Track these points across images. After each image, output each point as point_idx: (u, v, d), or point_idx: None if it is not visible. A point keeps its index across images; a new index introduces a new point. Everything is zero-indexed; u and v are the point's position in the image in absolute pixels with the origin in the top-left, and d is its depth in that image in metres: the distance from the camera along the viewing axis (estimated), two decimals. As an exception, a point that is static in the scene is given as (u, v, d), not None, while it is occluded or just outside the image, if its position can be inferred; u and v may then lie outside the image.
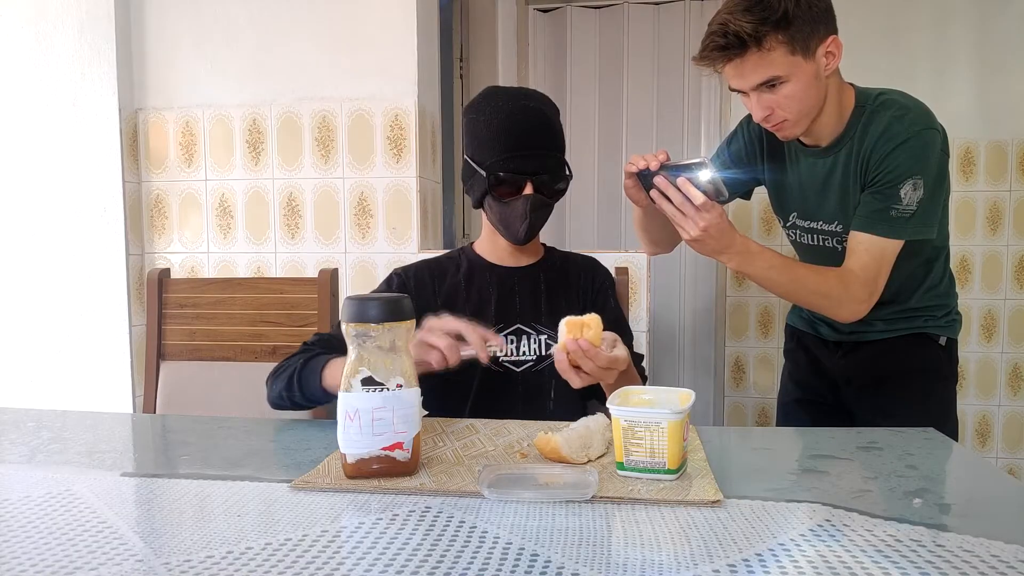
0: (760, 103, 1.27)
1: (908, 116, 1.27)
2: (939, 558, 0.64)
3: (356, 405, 0.86)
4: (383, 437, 0.86)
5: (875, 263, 1.28)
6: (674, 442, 0.84)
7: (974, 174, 2.73)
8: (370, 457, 0.86)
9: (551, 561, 0.64)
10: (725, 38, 1.21)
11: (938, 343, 1.44)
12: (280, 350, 1.62)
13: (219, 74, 2.23)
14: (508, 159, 1.24)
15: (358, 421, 0.86)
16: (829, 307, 1.33)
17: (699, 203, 1.19)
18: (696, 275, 3.17)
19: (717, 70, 1.28)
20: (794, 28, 1.19)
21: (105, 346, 2.23)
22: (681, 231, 1.24)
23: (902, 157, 1.25)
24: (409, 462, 0.88)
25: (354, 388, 0.86)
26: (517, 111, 1.27)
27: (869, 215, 1.28)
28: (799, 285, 1.31)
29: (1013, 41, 2.68)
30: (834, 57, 1.26)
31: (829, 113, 1.31)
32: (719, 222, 1.22)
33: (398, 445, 0.86)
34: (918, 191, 1.25)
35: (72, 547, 0.68)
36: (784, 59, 1.21)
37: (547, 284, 1.36)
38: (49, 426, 1.15)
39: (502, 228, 1.30)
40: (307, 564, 0.64)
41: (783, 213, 1.50)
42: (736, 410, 3.02)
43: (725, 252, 1.25)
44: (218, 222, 2.27)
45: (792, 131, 1.31)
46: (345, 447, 0.86)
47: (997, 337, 2.79)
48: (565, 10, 3.26)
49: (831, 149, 1.34)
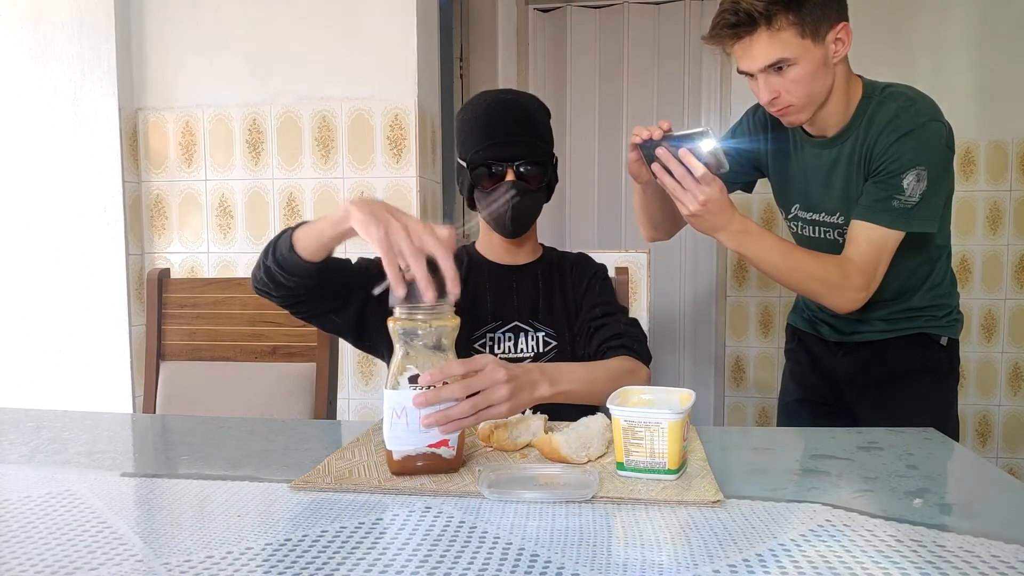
0: (767, 86, 1.26)
1: (915, 107, 1.27)
2: (939, 558, 0.64)
3: (403, 403, 0.86)
4: (430, 435, 0.87)
5: (875, 253, 1.27)
6: (674, 442, 0.83)
7: (974, 174, 2.73)
8: (416, 454, 0.87)
9: (551, 561, 0.64)
10: (736, 15, 1.21)
11: (939, 343, 1.44)
12: (280, 350, 1.62)
13: (219, 74, 2.23)
14: (486, 148, 1.26)
15: (405, 418, 0.86)
16: (825, 294, 1.31)
17: (699, 174, 1.18)
18: (696, 275, 3.17)
19: (726, 51, 1.28)
20: (805, 10, 1.20)
21: (105, 346, 2.23)
22: (680, 206, 1.23)
23: (907, 146, 1.24)
24: (453, 459, 0.88)
25: (401, 386, 0.87)
26: (495, 104, 1.29)
27: (871, 204, 1.27)
28: (796, 269, 1.29)
29: (1013, 41, 2.68)
30: (844, 44, 1.26)
31: (836, 102, 1.30)
32: (719, 197, 1.21)
33: (444, 443, 0.87)
34: (921, 182, 1.24)
35: (72, 547, 0.68)
36: (793, 41, 1.21)
37: (545, 282, 1.36)
38: (49, 426, 1.15)
39: (491, 221, 1.31)
40: (307, 564, 0.64)
41: (785, 204, 1.49)
42: (736, 410, 3.02)
43: (724, 229, 1.24)
44: (218, 222, 2.26)
45: (797, 117, 1.30)
46: (391, 444, 0.87)
47: (997, 337, 2.79)
48: (565, 10, 3.26)
49: (836, 140, 1.34)
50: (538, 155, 1.28)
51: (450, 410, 0.86)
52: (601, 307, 1.32)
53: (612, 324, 1.29)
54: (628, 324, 1.31)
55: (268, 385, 1.60)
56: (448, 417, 0.86)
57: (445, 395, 0.86)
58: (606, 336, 1.26)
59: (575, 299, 1.35)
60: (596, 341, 1.27)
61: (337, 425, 1.26)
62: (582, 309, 1.34)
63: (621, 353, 1.22)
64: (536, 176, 1.28)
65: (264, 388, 1.60)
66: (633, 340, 1.26)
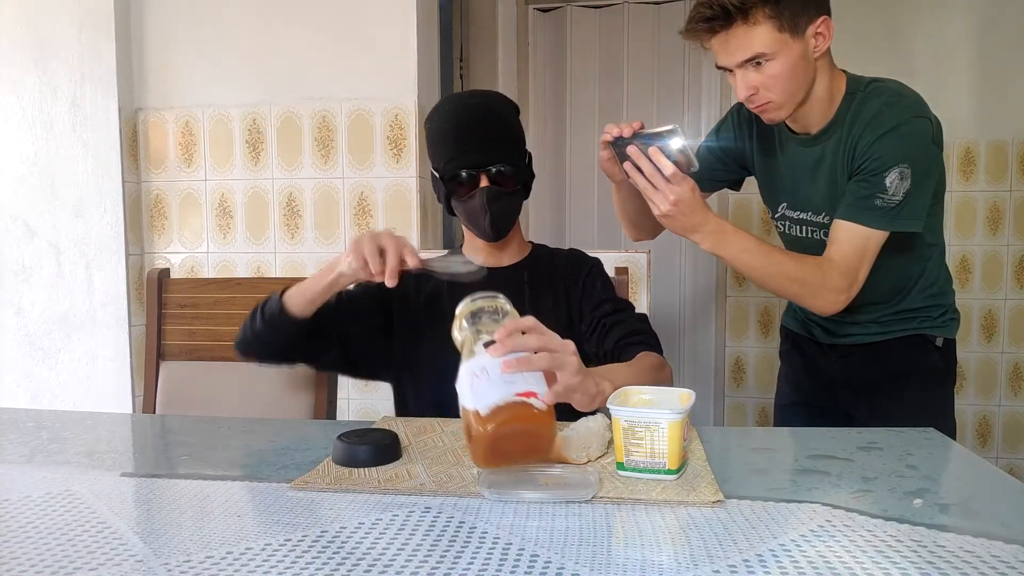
0: (745, 81, 1.24)
1: (899, 103, 1.24)
2: (939, 558, 0.64)
3: (482, 363, 0.83)
4: (515, 385, 0.82)
5: (857, 253, 1.24)
6: (674, 442, 0.83)
7: (974, 174, 2.73)
8: (506, 404, 0.81)
9: (551, 561, 0.64)
10: (711, 9, 1.19)
11: (934, 344, 1.41)
12: (280, 350, 1.62)
13: (219, 74, 2.23)
14: (456, 157, 1.26)
15: (486, 376, 0.82)
16: (805, 295, 1.29)
17: (669, 173, 1.16)
18: (696, 275, 3.17)
19: (704, 46, 1.26)
20: (783, 4, 1.18)
21: (105, 346, 2.23)
22: (652, 206, 1.21)
23: (890, 144, 1.21)
24: (546, 415, 0.83)
25: (477, 352, 0.85)
26: (459, 110, 1.29)
27: (853, 203, 1.25)
28: (775, 270, 1.26)
29: (1013, 41, 2.68)
30: (824, 38, 1.23)
31: (818, 98, 1.28)
32: (690, 197, 1.18)
33: (532, 394, 0.82)
34: (905, 181, 1.21)
35: (72, 547, 0.68)
36: (771, 35, 1.19)
37: (531, 282, 1.35)
38: (49, 426, 1.15)
39: (471, 227, 1.31)
40: (307, 564, 0.64)
41: (772, 203, 1.47)
42: (736, 410, 3.02)
43: (698, 230, 1.22)
44: (218, 222, 2.27)
45: (777, 114, 1.27)
46: (477, 401, 0.81)
47: (997, 337, 2.79)
48: (565, 10, 3.26)
49: (820, 137, 1.31)
50: (510, 157, 1.27)
51: (529, 356, 0.85)
52: (610, 303, 1.31)
53: (627, 321, 1.28)
54: (641, 320, 1.31)
55: (268, 385, 1.60)
56: (529, 361, 0.84)
57: (521, 343, 0.85)
58: (623, 333, 1.25)
59: (570, 297, 1.34)
60: (613, 337, 1.26)
61: (337, 425, 1.26)
62: (583, 308, 1.33)
63: (642, 350, 1.21)
64: (510, 178, 1.27)
65: (264, 388, 1.60)
66: (650, 336, 1.26)
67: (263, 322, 1.17)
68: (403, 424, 1.11)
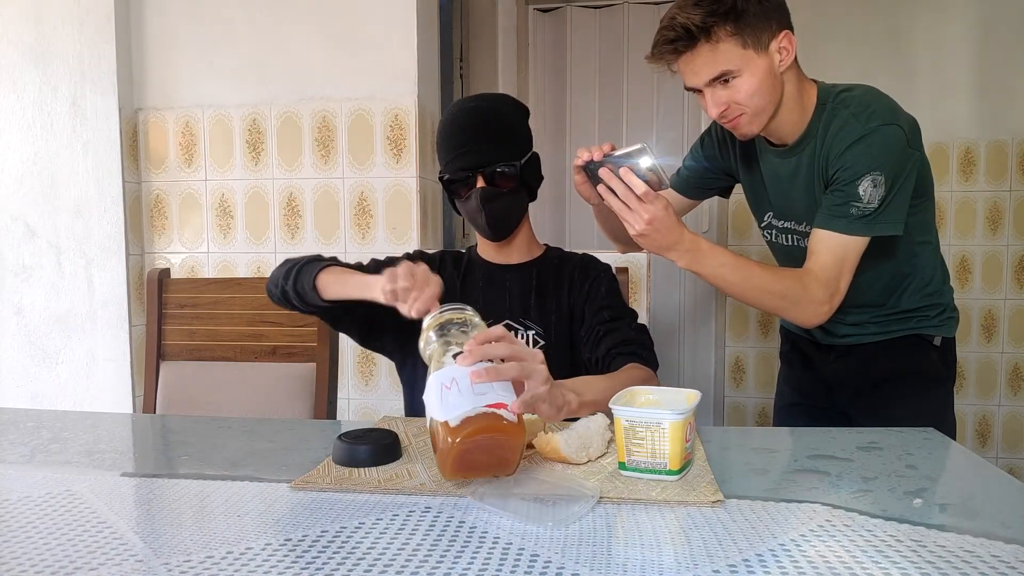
0: (714, 99, 1.24)
1: (865, 113, 1.24)
2: (939, 558, 0.64)
3: (452, 374, 0.82)
4: (486, 396, 0.81)
5: (836, 263, 1.24)
6: (676, 443, 0.83)
7: (974, 174, 2.73)
8: (476, 414, 0.79)
9: (551, 561, 0.64)
10: (674, 31, 1.21)
11: (932, 344, 1.41)
12: (280, 350, 1.62)
13: (219, 74, 2.23)
14: (453, 159, 1.29)
15: (455, 387, 0.81)
16: (787, 309, 1.28)
17: (640, 192, 1.16)
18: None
19: (672, 68, 1.27)
20: (744, 21, 1.18)
21: (105, 346, 2.23)
22: (628, 226, 1.21)
23: (858, 154, 1.22)
24: (516, 426, 0.81)
25: (447, 364, 0.85)
26: (458, 114, 1.31)
27: (829, 211, 1.25)
28: (753, 285, 1.25)
29: (1013, 41, 2.68)
30: (788, 52, 1.24)
31: (790, 110, 1.28)
32: (664, 215, 1.18)
33: (502, 405, 0.81)
34: (879, 188, 1.21)
35: (72, 547, 0.68)
36: (735, 52, 1.20)
37: (539, 281, 1.36)
38: (49, 426, 1.15)
39: (473, 226, 1.35)
40: (307, 564, 0.64)
41: (759, 213, 1.47)
42: (736, 410, 3.02)
43: (673, 249, 1.21)
44: (218, 222, 2.27)
45: (749, 129, 1.28)
46: (446, 413, 0.80)
47: (997, 337, 2.79)
48: (565, 10, 3.26)
49: (795, 148, 1.32)
50: (506, 157, 1.28)
51: (498, 365, 0.84)
52: (609, 310, 1.31)
53: (622, 329, 1.28)
54: (636, 330, 1.30)
55: (268, 385, 1.60)
56: (498, 371, 0.84)
57: (491, 351, 0.85)
58: (615, 342, 1.26)
59: (572, 301, 1.35)
60: (605, 346, 1.27)
61: (337, 425, 1.26)
62: (585, 312, 1.33)
63: (631, 360, 1.22)
64: (507, 178, 1.29)
65: (264, 388, 1.60)
66: (642, 347, 1.26)
67: (294, 291, 1.21)
68: (403, 424, 1.11)
